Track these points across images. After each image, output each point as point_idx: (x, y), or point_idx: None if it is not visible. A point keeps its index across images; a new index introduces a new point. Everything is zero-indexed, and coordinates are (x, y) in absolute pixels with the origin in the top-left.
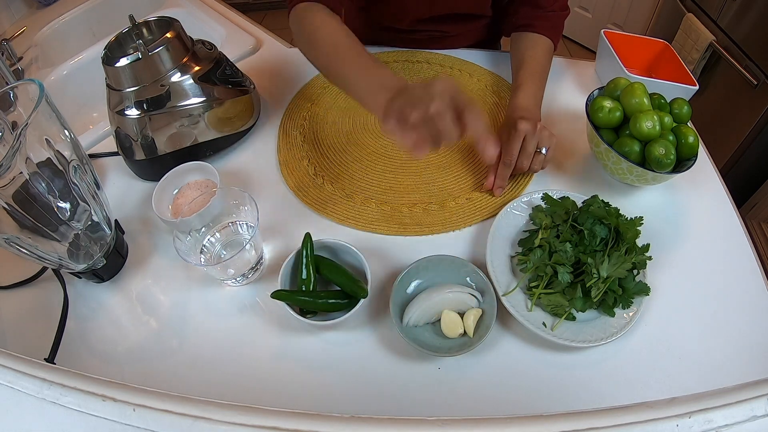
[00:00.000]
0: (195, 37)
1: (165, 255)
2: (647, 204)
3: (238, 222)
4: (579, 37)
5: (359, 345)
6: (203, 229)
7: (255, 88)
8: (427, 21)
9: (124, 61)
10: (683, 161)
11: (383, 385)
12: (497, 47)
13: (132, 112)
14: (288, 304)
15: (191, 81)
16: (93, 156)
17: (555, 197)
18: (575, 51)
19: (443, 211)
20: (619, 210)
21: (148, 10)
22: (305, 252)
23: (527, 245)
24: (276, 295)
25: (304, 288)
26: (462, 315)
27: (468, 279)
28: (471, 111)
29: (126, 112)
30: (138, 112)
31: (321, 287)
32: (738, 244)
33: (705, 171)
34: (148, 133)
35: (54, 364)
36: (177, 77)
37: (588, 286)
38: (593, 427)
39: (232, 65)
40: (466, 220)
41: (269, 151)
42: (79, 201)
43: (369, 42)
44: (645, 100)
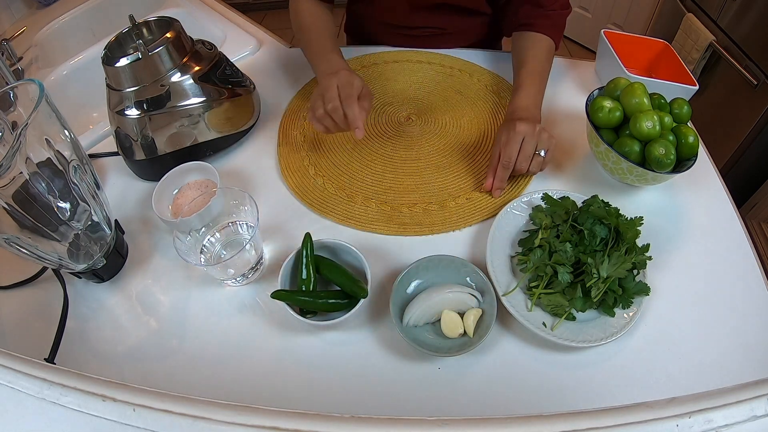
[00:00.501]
0: (195, 37)
1: (165, 255)
2: (647, 204)
3: (238, 222)
4: (579, 37)
5: (359, 345)
6: (203, 229)
7: (255, 88)
8: (425, 12)
9: (124, 61)
10: (683, 161)
11: (383, 385)
12: (498, 47)
13: (132, 112)
14: (288, 304)
15: (191, 81)
16: (93, 156)
17: (555, 197)
18: (575, 51)
19: (443, 211)
20: (619, 210)
21: (148, 10)
22: (305, 252)
23: (527, 245)
24: (276, 295)
25: (304, 288)
26: (462, 315)
27: (468, 279)
28: (364, 99)
29: (126, 112)
30: (138, 112)
31: (321, 287)
32: (738, 244)
33: (705, 171)
34: (148, 133)
35: (54, 364)
36: (177, 77)
37: (588, 286)
38: (593, 427)
39: (232, 65)
40: (466, 220)
41: (269, 151)
42: (79, 201)
43: (369, 40)
44: (645, 100)
